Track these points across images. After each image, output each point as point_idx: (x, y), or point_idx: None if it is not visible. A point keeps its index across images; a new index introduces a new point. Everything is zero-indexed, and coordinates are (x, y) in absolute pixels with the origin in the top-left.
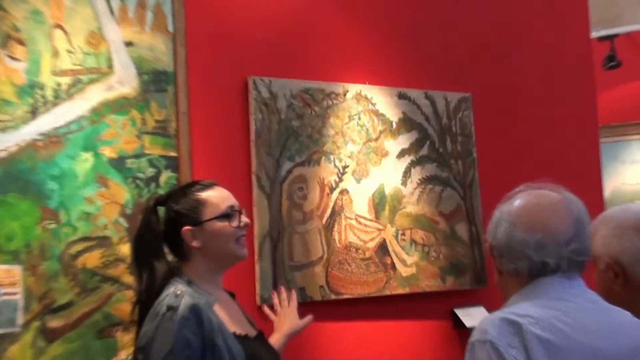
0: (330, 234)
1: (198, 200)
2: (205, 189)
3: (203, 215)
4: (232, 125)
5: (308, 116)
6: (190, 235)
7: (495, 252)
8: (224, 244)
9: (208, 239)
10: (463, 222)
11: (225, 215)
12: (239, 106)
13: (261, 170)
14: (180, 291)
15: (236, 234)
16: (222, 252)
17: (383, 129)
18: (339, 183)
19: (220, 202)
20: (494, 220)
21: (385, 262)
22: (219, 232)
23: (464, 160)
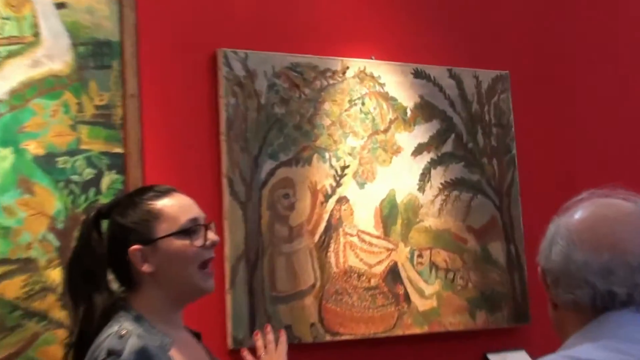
0: (325, 255)
1: (150, 211)
2: (160, 197)
3: (156, 231)
4: (197, 112)
5: (296, 101)
6: (139, 257)
7: (548, 279)
8: (184, 269)
9: (163, 262)
10: (499, 240)
11: (185, 231)
12: (205, 88)
13: (234, 171)
14: (126, 330)
15: (200, 257)
16: (181, 281)
17: (394, 117)
18: (336, 189)
19: (179, 214)
20: (548, 237)
21: (396, 292)
22: (177, 254)
23: (501, 159)
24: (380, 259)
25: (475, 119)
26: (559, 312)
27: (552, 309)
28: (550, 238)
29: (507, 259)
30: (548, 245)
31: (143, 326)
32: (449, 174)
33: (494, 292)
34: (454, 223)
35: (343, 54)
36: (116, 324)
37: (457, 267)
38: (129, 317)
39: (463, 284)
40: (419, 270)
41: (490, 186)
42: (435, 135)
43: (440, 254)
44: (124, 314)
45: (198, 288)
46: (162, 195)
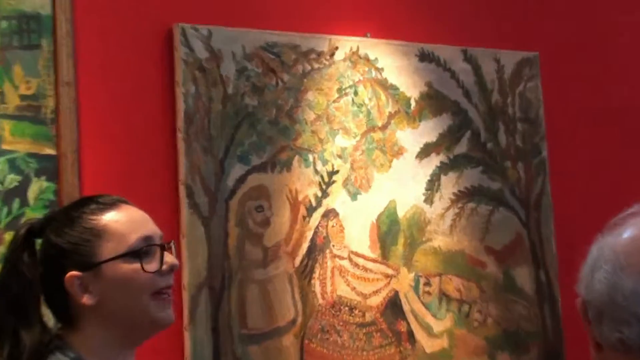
0: (308, 283)
1: (92, 228)
2: (104, 211)
3: (99, 253)
4: (147, 104)
5: (272, 89)
6: (78, 286)
7: (590, 314)
8: (134, 300)
9: (107, 291)
10: (526, 265)
11: (135, 253)
12: (158, 73)
13: (195, 178)
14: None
15: (155, 285)
16: (131, 314)
17: (395, 110)
18: (322, 200)
19: (128, 232)
20: (590, 262)
21: (397, 329)
22: (125, 281)
23: (528, 163)
24: (378, 288)
25: (496, 113)
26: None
27: (595, 350)
28: (593, 262)
29: (536, 287)
30: (590, 271)
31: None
32: (463, 182)
33: (519, 330)
34: (469, 243)
35: (331, 31)
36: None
37: (474, 298)
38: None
39: (481, 319)
40: (425, 301)
41: (515, 196)
42: (446, 132)
43: (453, 281)
44: (60, 356)
45: (153, 321)
46: (107, 209)
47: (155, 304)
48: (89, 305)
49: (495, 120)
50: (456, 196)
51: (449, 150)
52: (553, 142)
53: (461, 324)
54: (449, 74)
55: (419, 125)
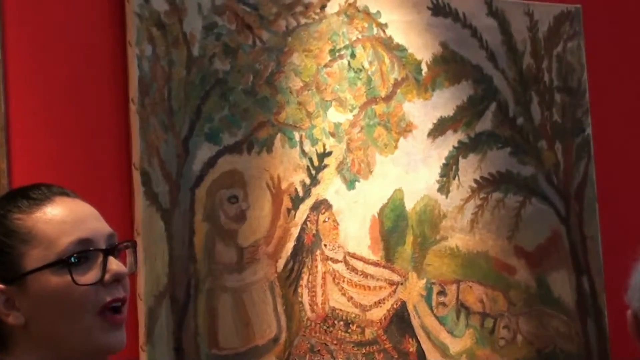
0: (294, 292)
1: (16, 231)
2: (35, 208)
3: (24, 262)
4: (93, 70)
5: (248, 51)
6: (3, 302)
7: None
8: (71, 320)
9: (36, 309)
10: (564, 270)
11: (66, 261)
12: (106, 31)
13: (152, 161)
14: None
15: (98, 300)
16: (69, 338)
17: (402, 77)
18: (311, 189)
19: (58, 234)
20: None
21: (404, 349)
22: (57, 297)
23: (568, 143)
24: (381, 298)
25: (529, 81)
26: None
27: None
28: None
29: (578, 298)
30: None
31: None
32: (487, 166)
33: (556, 350)
34: (494, 242)
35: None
36: None
37: (500, 311)
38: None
39: (509, 337)
40: (440, 315)
41: (552, 185)
42: (466, 105)
43: (474, 290)
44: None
45: (97, 346)
46: (38, 205)
47: (101, 325)
48: (16, 326)
49: (527, 89)
50: (478, 184)
51: (469, 127)
52: (599, 118)
53: (484, 343)
54: (469, 31)
55: (432, 96)
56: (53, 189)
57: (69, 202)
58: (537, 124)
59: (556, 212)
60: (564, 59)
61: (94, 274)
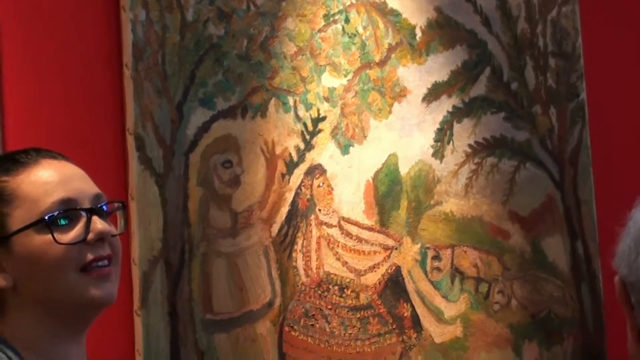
0: (288, 256)
1: (1, 193)
2: (20, 169)
3: (9, 223)
4: (86, 34)
5: (242, 15)
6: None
7: (633, 298)
8: (55, 277)
9: (22, 270)
10: (559, 235)
11: (49, 220)
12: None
13: (146, 126)
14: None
15: (80, 257)
16: (56, 295)
17: (396, 42)
18: (305, 154)
19: (41, 195)
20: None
21: (399, 314)
22: (39, 256)
23: (563, 108)
24: (375, 263)
25: (523, 45)
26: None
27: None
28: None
29: (572, 262)
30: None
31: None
32: (481, 131)
33: (551, 315)
34: (489, 207)
35: None
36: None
37: (494, 276)
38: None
39: (503, 301)
40: (434, 279)
41: (546, 150)
42: (461, 70)
43: (468, 254)
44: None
45: (85, 300)
46: (24, 167)
47: (85, 280)
48: (5, 288)
49: (521, 54)
50: (472, 149)
51: (463, 92)
52: (594, 83)
53: (479, 308)
54: None
55: (426, 61)
56: (41, 152)
57: (55, 164)
58: (532, 89)
59: (550, 176)
60: (558, 23)
61: (76, 233)
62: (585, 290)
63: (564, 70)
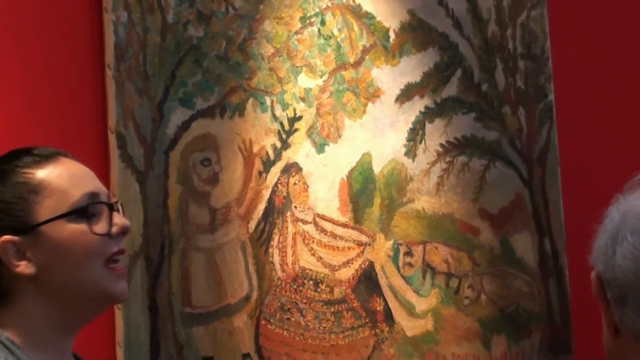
0: (265, 252)
1: (27, 183)
2: (41, 163)
3: (37, 213)
4: (69, 34)
5: (221, 18)
6: (12, 253)
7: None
8: (83, 268)
9: (49, 258)
10: (527, 232)
11: (81, 211)
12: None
13: (127, 125)
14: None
15: (106, 250)
16: (79, 286)
17: (370, 44)
18: (281, 152)
19: (70, 187)
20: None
21: (372, 308)
22: (72, 244)
23: (531, 109)
24: (349, 259)
25: (493, 48)
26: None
27: (611, 333)
28: (614, 231)
29: (540, 259)
30: (610, 243)
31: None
32: (452, 131)
33: (519, 310)
34: (459, 205)
35: None
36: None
37: (465, 271)
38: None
39: (473, 296)
40: (406, 275)
41: (515, 149)
42: (433, 71)
43: (439, 250)
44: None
45: (105, 294)
46: (44, 161)
47: (108, 274)
48: (26, 275)
49: (491, 56)
50: (444, 148)
51: (435, 93)
52: (562, 84)
53: (449, 302)
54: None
55: (400, 62)
56: (55, 150)
57: (70, 162)
58: (501, 90)
59: (519, 175)
60: (527, 27)
61: (103, 226)
62: (552, 285)
63: (533, 72)
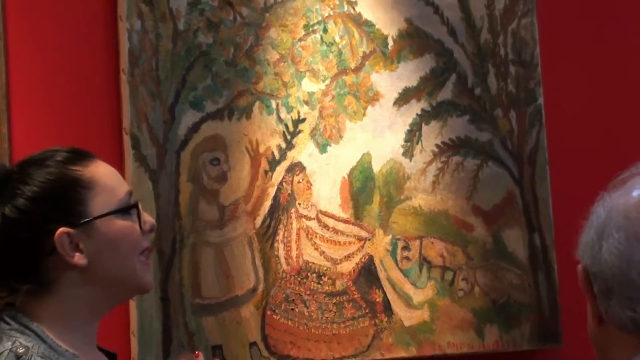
0: (271, 246)
1: (78, 178)
2: (86, 160)
3: (90, 208)
4: (86, 42)
5: (229, 25)
6: (67, 245)
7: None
8: (125, 260)
9: (100, 250)
10: (518, 227)
11: (127, 209)
12: (99, 6)
13: (141, 126)
14: (25, 348)
15: (141, 244)
16: (120, 276)
17: (370, 50)
18: (286, 152)
19: (116, 184)
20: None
21: (372, 299)
22: (120, 239)
23: (522, 111)
24: (350, 253)
25: (486, 54)
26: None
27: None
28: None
29: (530, 253)
30: (597, 238)
31: (45, 343)
32: (447, 132)
33: (510, 301)
34: (454, 202)
35: None
36: (7, 339)
37: (459, 265)
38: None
39: (467, 288)
40: (404, 268)
41: (507, 150)
42: (429, 76)
43: (435, 245)
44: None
45: (138, 283)
46: (89, 160)
47: (141, 266)
48: (77, 266)
49: (484, 62)
50: (439, 149)
51: (431, 96)
52: (550, 88)
53: (444, 294)
54: (431, 8)
55: (397, 68)
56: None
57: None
58: (494, 94)
59: (510, 174)
60: (518, 34)
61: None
62: (541, 278)
63: (523, 77)
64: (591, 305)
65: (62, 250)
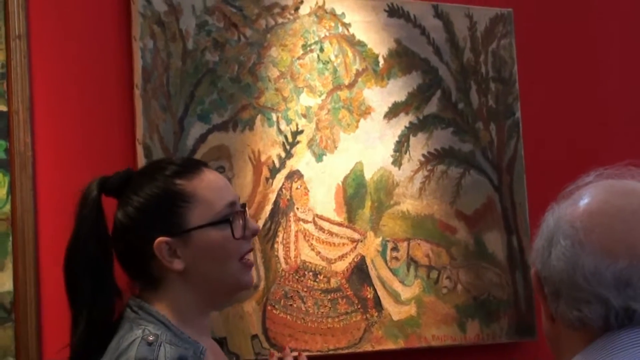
0: (271, 247)
1: (180, 193)
2: (189, 175)
3: (188, 219)
4: (103, 59)
5: (234, 45)
6: (166, 252)
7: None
8: (222, 265)
9: (197, 258)
10: (497, 230)
11: (225, 220)
12: (114, 26)
13: (153, 137)
14: (154, 336)
15: (241, 250)
16: (218, 279)
17: (362, 68)
18: (285, 161)
19: (215, 198)
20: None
21: (363, 296)
22: (216, 248)
23: (501, 124)
24: (343, 253)
25: (468, 72)
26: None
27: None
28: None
29: (508, 254)
30: (547, 245)
31: (171, 330)
32: (433, 143)
33: (490, 297)
34: (439, 207)
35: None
36: (136, 327)
37: (443, 264)
38: (150, 320)
39: (450, 285)
40: (393, 267)
41: (487, 159)
42: (416, 92)
43: (421, 246)
44: (144, 315)
45: (237, 284)
46: (193, 173)
47: (242, 268)
48: (177, 271)
49: (467, 79)
50: (425, 158)
51: (418, 110)
52: (527, 103)
53: (430, 291)
54: (419, 30)
55: (387, 84)
56: (199, 161)
57: (211, 172)
58: (475, 108)
59: (490, 182)
60: (497, 54)
61: (240, 229)
62: (518, 277)
63: (502, 93)
64: (543, 306)
65: (161, 256)
